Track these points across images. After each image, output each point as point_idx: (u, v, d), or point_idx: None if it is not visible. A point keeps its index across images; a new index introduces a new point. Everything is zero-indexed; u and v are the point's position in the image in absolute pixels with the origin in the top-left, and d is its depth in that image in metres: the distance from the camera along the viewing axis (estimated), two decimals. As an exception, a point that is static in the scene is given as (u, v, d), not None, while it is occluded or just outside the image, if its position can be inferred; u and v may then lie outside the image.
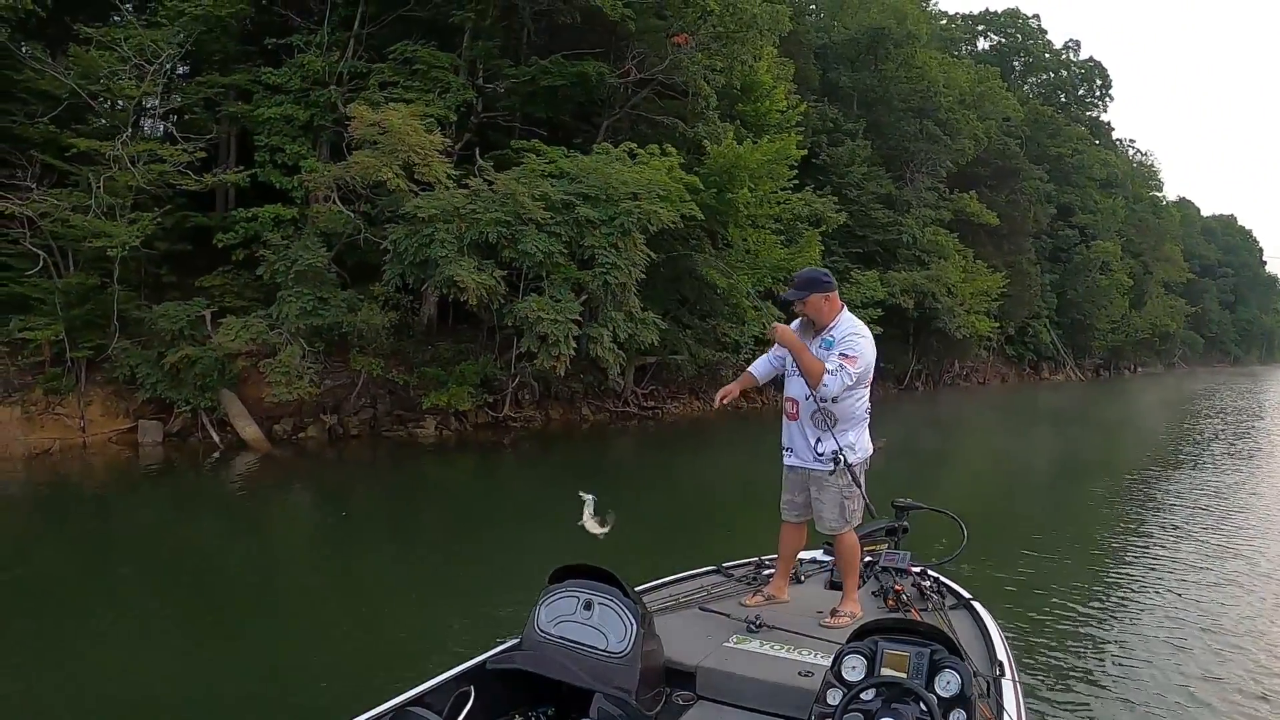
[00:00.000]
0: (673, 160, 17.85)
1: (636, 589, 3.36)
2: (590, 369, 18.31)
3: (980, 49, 56.65)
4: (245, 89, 16.97)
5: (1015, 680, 3.39)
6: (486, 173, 16.32)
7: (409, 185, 15.17)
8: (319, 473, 14.39)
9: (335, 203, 15.78)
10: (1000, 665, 3.45)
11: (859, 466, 4.00)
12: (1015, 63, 57.97)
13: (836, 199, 27.48)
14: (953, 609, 4.12)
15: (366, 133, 14.98)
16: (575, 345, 15.93)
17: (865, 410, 4.07)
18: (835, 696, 2.75)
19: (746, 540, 5.40)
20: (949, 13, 62.01)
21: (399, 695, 2.90)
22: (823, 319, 3.98)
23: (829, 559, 4.55)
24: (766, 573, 4.41)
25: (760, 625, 3.70)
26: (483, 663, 3.20)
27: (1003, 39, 58.25)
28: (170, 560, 8.64)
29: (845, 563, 4.08)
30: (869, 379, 4.02)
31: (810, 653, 3.47)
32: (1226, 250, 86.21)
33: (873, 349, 3.97)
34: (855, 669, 2.81)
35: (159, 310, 14.62)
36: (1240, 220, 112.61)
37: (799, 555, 4.43)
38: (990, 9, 60.14)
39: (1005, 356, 45.54)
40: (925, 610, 3.98)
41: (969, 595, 4.29)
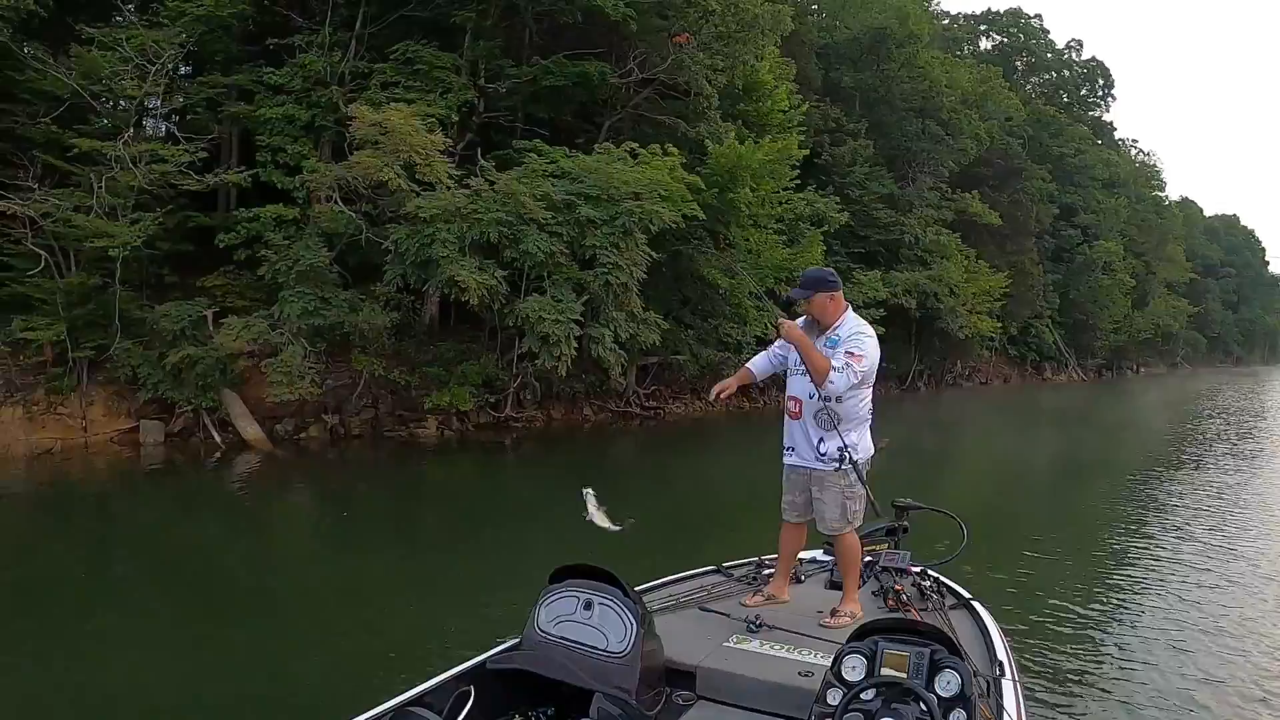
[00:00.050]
0: (674, 160, 17.83)
1: (636, 589, 3.35)
2: (592, 369, 18.28)
3: (982, 49, 56.72)
4: (247, 89, 16.97)
5: (1015, 680, 3.38)
6: (488, 173, 16.33)
7: (410, 185, 15.20)
8: (320, 473, 14.40)
9: (337, 203, 15.79)
10: (1000, 665, 3.45)
11: (862, 467, 4.01)
12: (1017, 62, 57.99)
13: (838, 199, 27.52)
14: (953, 609, 4.11)
15: (368, 133, 15.00)
16: (577, 345, 15.95)
17: (868, 411, 4.08)
18: (835, 696, 2.75)
19: (747, 540, 5.39)
20: (951, 12, 62.30)
21: (399, 695, 2.90)
22: (828, 318, 3.98)
23: (829, 559, 4.55)
24: (767, 573, 4.40)
25: (760, 625, 3.70)
26: (483, 662, 3.20)
27: (1005, 39, 58.32)
28: (171, 560, 8.66)
29: (845, 563, 4.08)
30: (872, 379, 4.02)
31: (810, 653, 3.47)
32: (1229, 250, 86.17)
33: (877, 349, 3.97)
34: (855, 669, 2.80)
35: (161, 310, 14.64)
36: (1243, 220, 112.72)
37: (799, 555, 4.43)
38: (992, 9, 60.35)
39: (1008, 357, 45.48)
40: (925, 610, 3.98)
41: (969, 595, 4.29)
